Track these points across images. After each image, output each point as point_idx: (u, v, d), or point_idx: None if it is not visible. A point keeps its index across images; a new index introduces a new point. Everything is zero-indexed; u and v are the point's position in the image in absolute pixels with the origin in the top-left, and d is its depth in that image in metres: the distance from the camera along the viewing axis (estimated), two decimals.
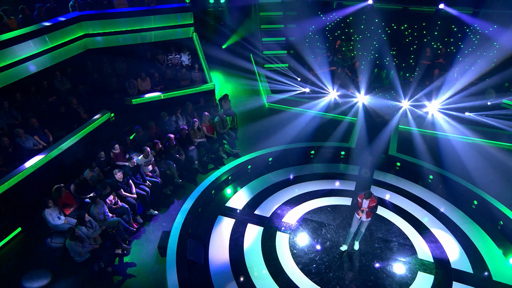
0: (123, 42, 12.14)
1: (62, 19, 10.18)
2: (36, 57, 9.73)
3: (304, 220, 8.47)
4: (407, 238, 8.08)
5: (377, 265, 7.42)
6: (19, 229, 7.88)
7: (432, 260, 7.56)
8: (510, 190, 9.11)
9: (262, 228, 8.24)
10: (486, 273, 7.27)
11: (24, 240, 7.85)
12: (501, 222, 8.28)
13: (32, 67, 9.71)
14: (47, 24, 9.82)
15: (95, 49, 11.54)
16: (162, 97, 11.43)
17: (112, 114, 10.69)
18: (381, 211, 8.68)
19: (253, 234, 8.11)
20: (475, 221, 8.51)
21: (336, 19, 14.88)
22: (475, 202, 8.88)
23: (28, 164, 8.06)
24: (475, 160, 10.35)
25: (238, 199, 9.11)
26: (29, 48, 9.52)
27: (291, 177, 9.79)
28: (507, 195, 8.92)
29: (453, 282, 7.10)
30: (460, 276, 7.22)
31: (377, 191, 9.26)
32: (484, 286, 7.01)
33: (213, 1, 16.12)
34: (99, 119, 10.07)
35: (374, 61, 14.42)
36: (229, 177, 9.51)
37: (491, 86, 12.49)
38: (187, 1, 12.42)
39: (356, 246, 7.74)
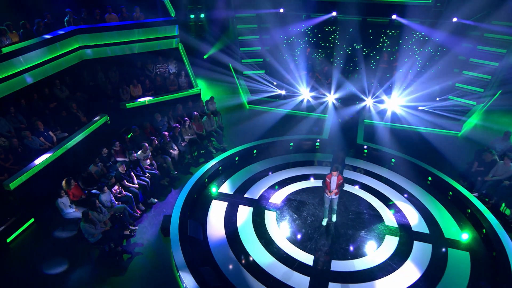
0: (111, 53, 12.74)
1: (61, 32, 10.76)
2: (38, 67, 10.28)
3: (288, 200, 9.37)
4: (375, 209, 9.12)
5: (351, 232, 8.41)
6: (32, 220, 8.34)
7: (396, 226, 8.61)
8: (456, 167, 10.39)
9: (252, 208, 9.06)
10: (439, 232, 8.41)
11: (37, 230, 8.32)
12: (450, 193, 9.50)
13: (34, 76, 10.21)
14: (47, 37, 10.37)
15: (90, 59, 12.11)
16: (147, 102, 12.07)
17: (108, 118, 11.25)
18: (354, 189, 9.75)
19: (244, 213, 8.91)
20: (430, 193, 9.68)
21: (305, 29, 16.13)
22: (430, 178, 10.09)
23: (38, 161, 8.57)
24: (428, 145, 11.75)
25: (229, 185, 9.89)
26: (31, 59, 10.04)
27: (270, 173, 10.45)
28: (454, 171, 10.20)
29: (414, 241, 8.17)
30: (419, 236, 8.30)
31: (350, 174, 10.36)
32: (438, 242, 8.12)
33: (193, 16, 17.02)
34: (97, 121, 10.64)
35: (340, 66, 15.71)
36: (220, 168, 10.30)
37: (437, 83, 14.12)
38: (173, 15, 13.23)
39: (334, 218, 8.62)
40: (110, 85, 11.99)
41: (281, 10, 16.02)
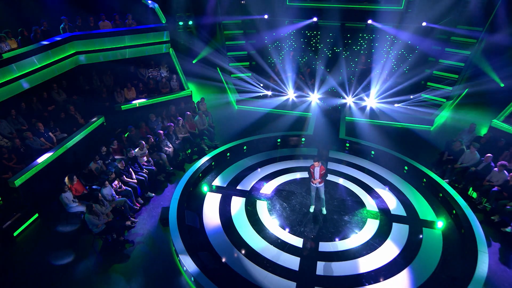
0: (103, 59, 12.97)
1: (58, 39, 10.99)
2: (36, 72, 10.47)
3: (278, 190, 9.84)
4: (358, 196, 9.71)
5: (337, 217, 8.94)
6: (36, 215, 8.55)
7: (377, 210, 9.21)
8: (429, 157, 11.11)
9: (244, 198, 9.50)
10: (415, 214, 9.05)
11: (41, 224, 8.55)
12: (424, 180, 10.20)
13: (33, 81, 10.41)
14: (44, 43, 10.59)
15: (85, 64, 12.36)
16: (138, 105, 12.35)
17: (104, 119, 11.48)
18: (338, 180, 10.30)
19: (237, 204, 9.33)
20: (406, 181, 10.34)
21: (289, 34, 16.78)
22: (406, 168, 10.76)
23: (40, 160, 8.81)
24: (404, 138, 12.50)
25: (222, 179, 10.31)
26: (29, 64, 10.24)
27: (259, 170, 10.81)
28: (427, 161, 10.89)
29: (393, 223, 8.78)
30: (397, 218, 8.91)
31: (334, 166, 10.92)
32: (413, 223, 8.75)
33: (182, 23, 17.43)
34: (94, 123, 10.90)
35: (322, 67, 16.38)
36: (212, 163, 10.72)
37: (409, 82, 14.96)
38: (163, 22, 13.61)
39: (324, 211, 9.05)
40: (105, 89, 12.26)
41: (266, 16, 16.65)
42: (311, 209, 9.11)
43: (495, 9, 13.65)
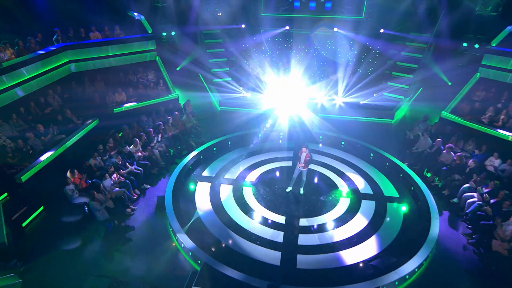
0: (93, 66, 13.35)
1: (52, 48, 11.36)
2: (33, 79, 10.79)
3: (261, 178, 10.63)
4: (331, 179, 10.67)
5: (314, 197, 9.83)
6: (42, 207, 8.91)
7: (348, 190, 10.18)
8: (390, 146, 12.20)
9: (232, 185, 10.22)
10: (380, 192, 10.12)
11: (47, 215, 8.92)
12: (387, 164, 11.32)
13: (30, 88, 10.73)
14: (41, 52, 10.94)
15: (78, 72, 12.74)
16: (126, 109, 12.72)
17: (98, 121, 11.86)
18: (313, 166, 11.23)
19: (226, 190, 10.03)
20: (372, 165, 11.42)
21: (264, 41, 17.80)
22: (371, 154, 11.86)
23: (42, 158, 9.17)
24: (369, 130, 13.63)
25: (210, 170, 10.98)
26: (27, 72, 10.58)
27: (241, 168, 11.32)
28: (389, 148, 12.01)
29: (362, 200, 9.78)
30: (365, 196, 9.93)
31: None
32: (379, 199, 9.78)
33: (165, 34, 17.98)
34: (89, 124, 11.30)
35: (295, 71, 17.42)
36: (201, 157, 11.38)
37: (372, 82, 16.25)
38: (150, 32, 14.20)
39: (302, 191, 9.90)
40: (97, 93, 12.65)
41: (243, 26, 17.58)
42: (288, 189, 9.90)
43: (439, 18, 15.23)
